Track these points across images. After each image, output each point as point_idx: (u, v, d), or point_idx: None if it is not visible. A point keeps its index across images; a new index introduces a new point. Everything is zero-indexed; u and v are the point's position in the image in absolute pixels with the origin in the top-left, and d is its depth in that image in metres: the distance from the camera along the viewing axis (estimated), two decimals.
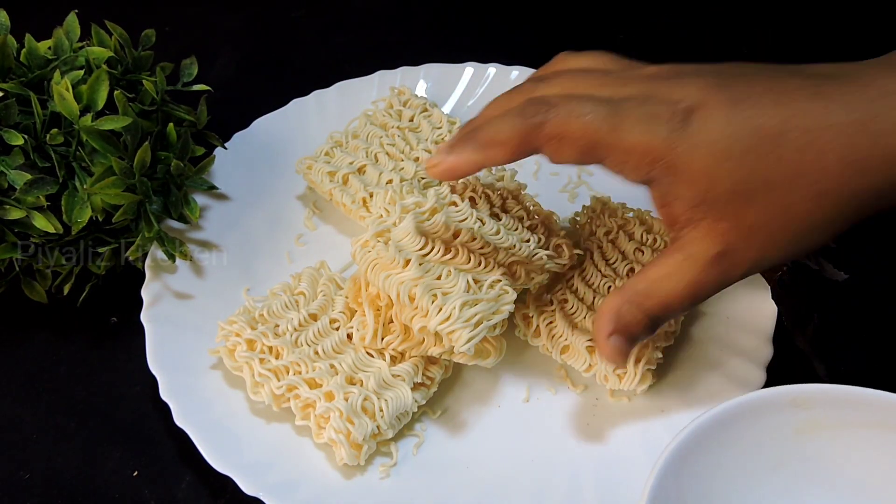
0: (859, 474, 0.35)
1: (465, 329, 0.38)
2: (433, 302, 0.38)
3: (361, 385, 0.42)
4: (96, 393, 0.47)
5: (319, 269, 0.47)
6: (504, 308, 0.40)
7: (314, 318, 0.45)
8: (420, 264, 0.39)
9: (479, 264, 0.40)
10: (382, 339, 0.42)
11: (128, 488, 0.43)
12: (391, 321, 0.42)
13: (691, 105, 0.32)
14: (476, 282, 0.40)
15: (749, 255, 0.33)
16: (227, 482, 0.40)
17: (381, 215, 0.42)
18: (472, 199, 0.43)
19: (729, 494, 0.35)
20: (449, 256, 0.40)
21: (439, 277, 0.39)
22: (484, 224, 0.40)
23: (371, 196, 0.50)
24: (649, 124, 0.32)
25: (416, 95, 0.57)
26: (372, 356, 0.43)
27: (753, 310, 0.46)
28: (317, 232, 0.53)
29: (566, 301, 0.44)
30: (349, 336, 0.44)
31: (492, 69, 0.61)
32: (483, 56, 0.62)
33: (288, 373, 0.42)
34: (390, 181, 0.50)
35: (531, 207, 0.45)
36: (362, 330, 0.42)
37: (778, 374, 0.44)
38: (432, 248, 0.40)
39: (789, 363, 0.45)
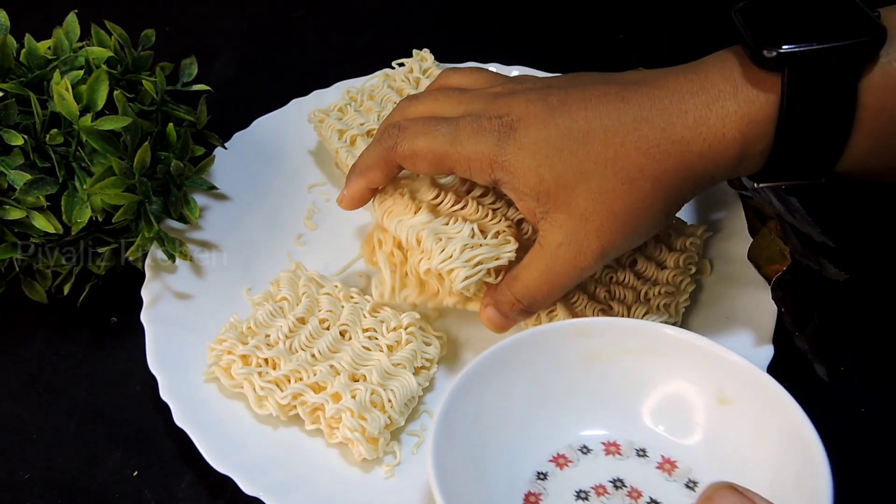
0: (636, 394, 0.40)
1: (463, 268, 0.41)
2: (437, 243, 0.41)
3: (365, 380, 0.42)
4: (96, 393, 0.47)
5: (296, 272, 0.47)
6: (504, 255, 0.42)
7: (302, 321, 0.45)
8: (430, 212, 0.42)
9: (487, 216, 0.43)
10: (400, 292, 0.44)
11: (128, 488, 0.42)
12: (406, 275, 0.43)
13: (516, 118, 0.38)
14: (482, 231, 0.42)
15: (590, 243, 0.38)
16: (227, 482, 0.40)
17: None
18: None
19: (528, 416, 0.39)
20: (458, 207, 0.43)
21: (447, 224, 0.42)
22: None
23: None
24: (480, 136, 0.39)
25: (438, 65, 0.57)
26: (369, 350, 0.43)
27: (753, 310, 0.46)
28: (317, 232, 0.53)
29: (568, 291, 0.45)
30: (342, 333, 0.44)
31: (492, 69, 0.61)
32: (483, 56, 0.62)
33: (290, 381, 0.42)
34: None
35: None
36: (381, 287, 0.44)
37: (778, 374, 0.44)
38: (444, 199, 0.43)
39: (789, 363, 0.45)
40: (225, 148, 0.54)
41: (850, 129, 0.35)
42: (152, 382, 0.44)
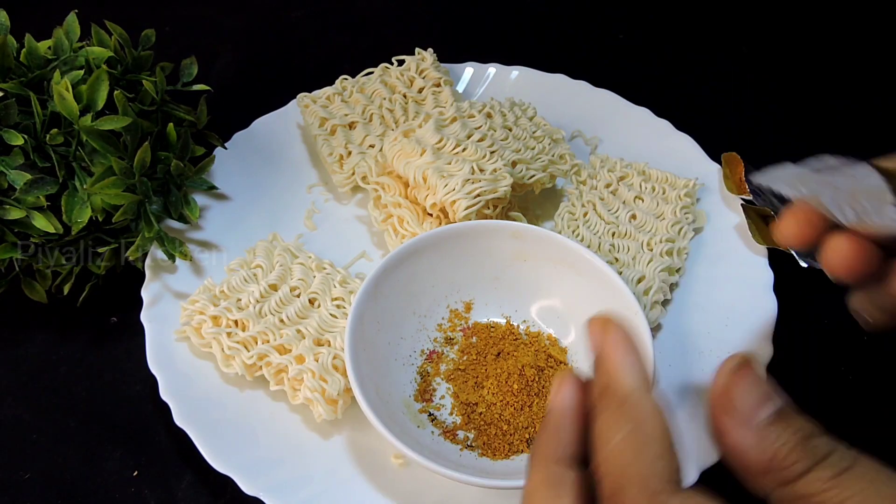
0: (544, 295, 0.46)
1: (464, 199, 0.45)
2: (441, 179, 0.46)
3: (329, 345, 0.43)
4: (96, 393, 0.47)
5: (272, 241, 0.48)
6: (500, 188, 0.47)
7: (274, 288, 0.46)
8: (434, 154, 0.47)
9: (485, 157, 0.47)
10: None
11: (128, 488, 0.42)
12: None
13: None
14: (480, 169, 0.47)
15: None
16: (227, 482, 0.40)
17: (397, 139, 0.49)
18: (488, 115, 0.51)
19: (452, 290, 0.46)
20: (460, 149, 0.47)
21: (449, 164, 0.47)
22: (495, 132, 0.49)
23: (349, 154, 0.53)
24: None
25: (438, 67, 0.58)
26: (336, 317, 0.44)
27: (753, 310, 0.46)
28: (317, 232, 0.53)
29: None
30: (311, 301, 0.45)
31: (492, 69, 0.61)
32: (483, 56, 0.62)
33: (256, 343, 0.43)
34: (372, 146, 0.53)
35: (542, 124, 0.53)
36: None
37: (778, 374, 0.44)
38: (446, 143, 0.47)
39: (789, 363, 0.45)
40: (225, 148, 0.54)
41: None
42: (152, 382, 0.44)
